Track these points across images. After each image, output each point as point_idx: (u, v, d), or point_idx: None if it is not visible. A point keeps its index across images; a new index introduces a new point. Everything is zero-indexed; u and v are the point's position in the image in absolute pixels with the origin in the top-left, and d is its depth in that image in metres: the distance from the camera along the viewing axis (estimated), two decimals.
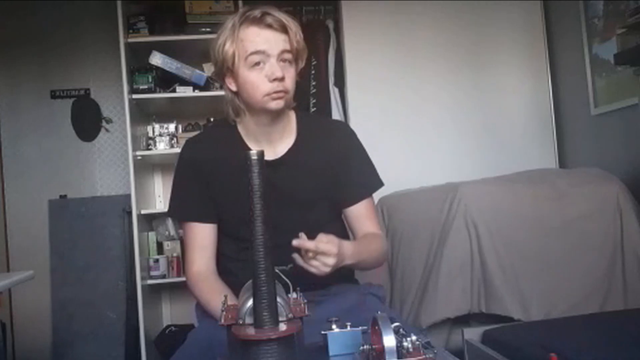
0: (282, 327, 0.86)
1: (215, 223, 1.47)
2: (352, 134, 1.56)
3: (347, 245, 1.31)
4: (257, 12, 1.33)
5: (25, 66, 3.52)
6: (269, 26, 1.33)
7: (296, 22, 1.40)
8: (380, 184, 1.56)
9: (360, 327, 1.03)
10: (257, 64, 1.34)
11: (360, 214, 1.51)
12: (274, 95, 1.35)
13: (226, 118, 1.48)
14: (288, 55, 1.36)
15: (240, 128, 1.48)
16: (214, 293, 1.35)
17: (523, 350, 1.75)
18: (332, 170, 1.48)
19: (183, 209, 1.50)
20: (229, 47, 1.35)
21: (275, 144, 1.45)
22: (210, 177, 1.45)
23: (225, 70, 1.39)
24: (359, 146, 1.55)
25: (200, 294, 1.41)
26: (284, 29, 1.34)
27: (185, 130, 3.24)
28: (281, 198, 1.40)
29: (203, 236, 1.46)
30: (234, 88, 1.41)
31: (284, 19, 1.35)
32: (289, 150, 1.46)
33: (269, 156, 1.44)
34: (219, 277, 1.44)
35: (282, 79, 1.34)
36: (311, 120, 1.58)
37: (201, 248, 1.46)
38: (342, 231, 1.54)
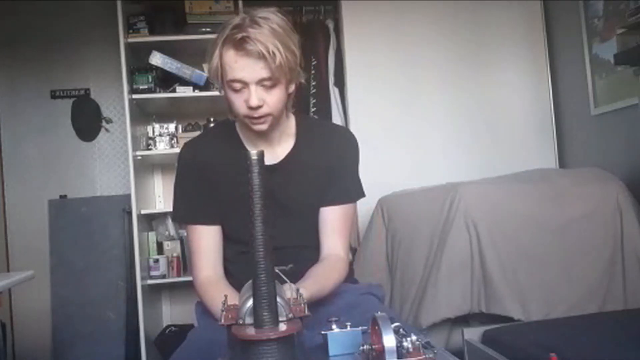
0: (282, 327, 0.86)
1: (220, 225, 1.46)
2: (352, 141, 1.52)
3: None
4: (239, 34, 1.26)
5: (25, 66, 3.52)
6: (248, 52, 1.27)
7: (284, 39, 1.28)
8: (360, 194, 1.52)
9: (360, 327, 1.03)
10: (237, 89, 1.31)
11: (328, 220, 1.46)
12: (253, 120, 1.34)
13: (227, 118, 1.48)
14: (267, 82, 1.30)
15: (239, 129, 1.48)
16: None
17: (523, 350, 1.75)
18: (328, 174, 1.47)
19: (187, 211, 1.47)
20: (213, 62, 1.32)
21: (274, 147, 1.44)
22: (211, 179, 1.45)
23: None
24: (353, 154, 1.52)
25: (212, 302, 1.37)
26: (261, 56, 1.25)
27: (185, 130, 3.24)
28: (278, 203, 1.39)
29: (209, 239, 1.45)
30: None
31: (262, 46, 1.25)
32: (287, 155, 1.45)
33: (268, 160, 1.44)
34: (227, 282, 1.43)
35: (258, 107, 1.31)
36: (312, 124, 1.56)
37: (208, 251, 1.44)
38: None
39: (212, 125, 3.01)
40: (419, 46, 3.19)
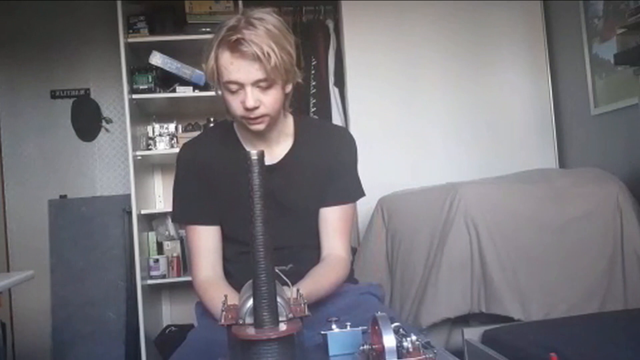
0: (282, 327, 0.86)
1: (219, 225, 1.46)
2: (350, 141, 1.52)
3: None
4: (233, 36, 1.26)
5: (25, 66, 3.52)
6: (243, 54, 1.27)
7: (280, 40, 1.28)
8: (360, 194, 1.52)
9: (360, 327, 1.03)
10: (233, 90, 1.32)
11: (328, 221, 1.46)
12: (250, 120, 1.34)
13: (225, 118, 1.48)
14: (263, 83, 1.30)
15: (237, 130, 1.48)
16: None
17: (523, 350, 1.75)
18: (327, 174, 1.47)
19: (186, 212, 1.47)
20: (209, 64, 1.32)
21: (272, 147, 1.44)
22: (210, 179, 1.45)
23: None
24: (351, 154, 1.52)
25: (211, 302, 1.38)
26: (256, 57, 1.26)
27: (185, 130, 3.24)
28: (277, 203, 1.39)
29: (208, 239, 1.45)
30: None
31: (257, 47, 1.25)
32: (286, 155, 1.45)
33: (266, 160, 1.43)
34: (227, 282, 1.42)
35: (255, 108, 1.31)
36: (310, 124, 1.56)
37: (207, 252, 1.44)
38: None
39: (211, 125, 3.01)
40: (419, 46, 3.19)
